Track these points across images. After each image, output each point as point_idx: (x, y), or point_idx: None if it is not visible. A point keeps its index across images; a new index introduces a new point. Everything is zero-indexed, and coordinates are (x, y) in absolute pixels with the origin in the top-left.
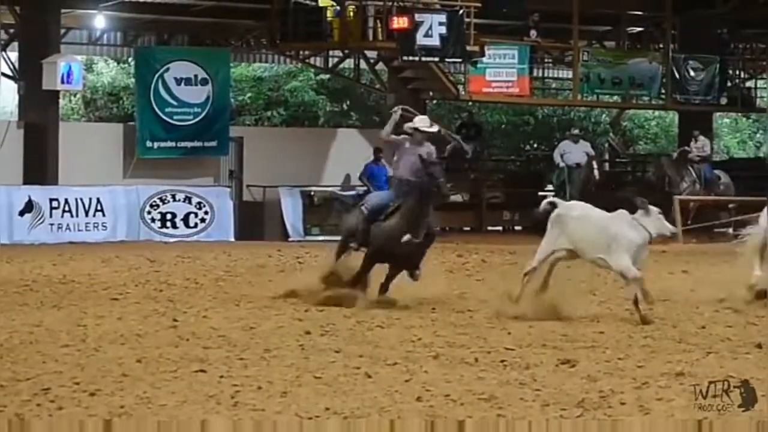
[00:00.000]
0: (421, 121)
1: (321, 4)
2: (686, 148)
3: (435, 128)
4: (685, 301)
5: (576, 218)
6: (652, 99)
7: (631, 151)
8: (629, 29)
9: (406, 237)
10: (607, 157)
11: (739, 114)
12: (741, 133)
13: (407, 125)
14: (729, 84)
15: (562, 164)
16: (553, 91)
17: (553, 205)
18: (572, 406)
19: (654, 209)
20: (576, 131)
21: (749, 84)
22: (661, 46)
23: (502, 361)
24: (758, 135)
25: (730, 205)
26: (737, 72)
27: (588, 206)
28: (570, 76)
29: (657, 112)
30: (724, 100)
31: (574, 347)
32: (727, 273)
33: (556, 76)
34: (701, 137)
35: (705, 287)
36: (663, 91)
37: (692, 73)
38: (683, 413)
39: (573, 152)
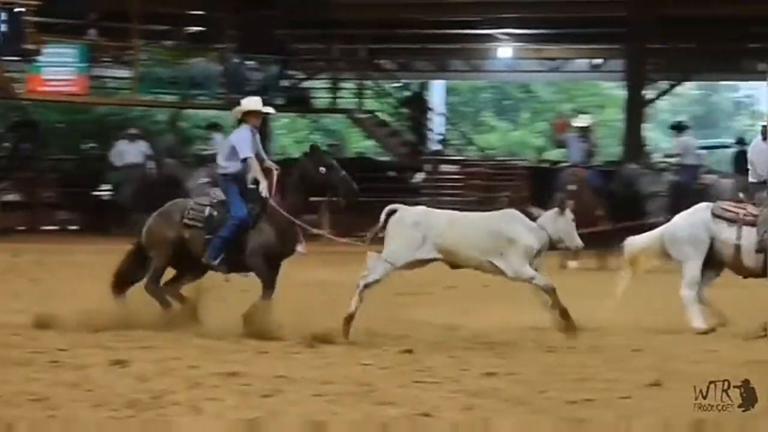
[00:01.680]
0: (254, 103)
1: None
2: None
3: (270, 109)
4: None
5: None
6: (210, 99)
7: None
8: (189, 28)
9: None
10: (164, 157)
11: (296, 114)
12: (297, 133)
13: (237, 109)
14: (286, 84)
15: (118, 164)
16: (111, 90)
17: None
18: (123, 406)
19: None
20: (133, 131)
21: (306, 84)
22: (220, 45)
23: (55, 362)
24: (314, 135)
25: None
26: (295, 72)
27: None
28: (128, 75)
29: (215, 112)
30: (281, 101)
31: (127, 348)
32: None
33: (114, 75)
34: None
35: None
36: (221, 91)
37: (250, 73)
38: (234, 413)
39: (130, 152)
